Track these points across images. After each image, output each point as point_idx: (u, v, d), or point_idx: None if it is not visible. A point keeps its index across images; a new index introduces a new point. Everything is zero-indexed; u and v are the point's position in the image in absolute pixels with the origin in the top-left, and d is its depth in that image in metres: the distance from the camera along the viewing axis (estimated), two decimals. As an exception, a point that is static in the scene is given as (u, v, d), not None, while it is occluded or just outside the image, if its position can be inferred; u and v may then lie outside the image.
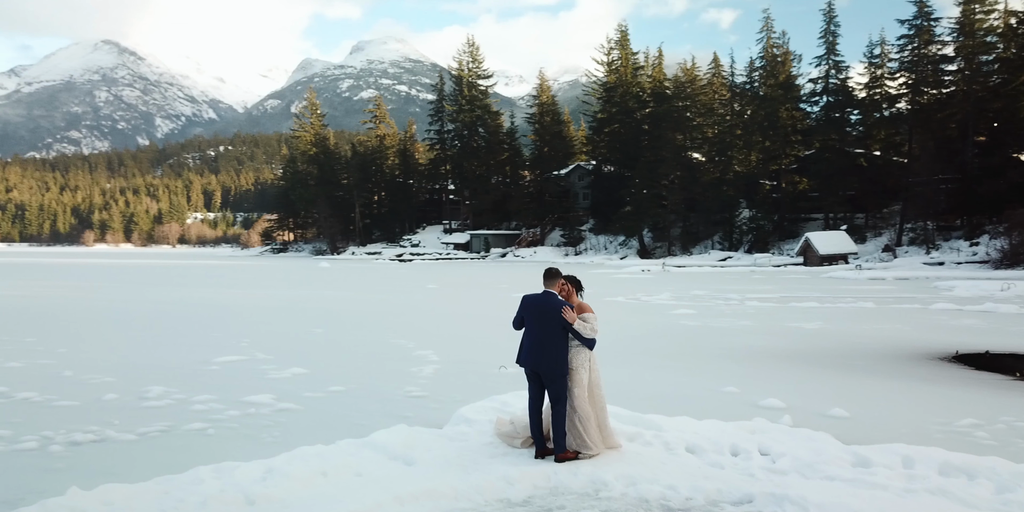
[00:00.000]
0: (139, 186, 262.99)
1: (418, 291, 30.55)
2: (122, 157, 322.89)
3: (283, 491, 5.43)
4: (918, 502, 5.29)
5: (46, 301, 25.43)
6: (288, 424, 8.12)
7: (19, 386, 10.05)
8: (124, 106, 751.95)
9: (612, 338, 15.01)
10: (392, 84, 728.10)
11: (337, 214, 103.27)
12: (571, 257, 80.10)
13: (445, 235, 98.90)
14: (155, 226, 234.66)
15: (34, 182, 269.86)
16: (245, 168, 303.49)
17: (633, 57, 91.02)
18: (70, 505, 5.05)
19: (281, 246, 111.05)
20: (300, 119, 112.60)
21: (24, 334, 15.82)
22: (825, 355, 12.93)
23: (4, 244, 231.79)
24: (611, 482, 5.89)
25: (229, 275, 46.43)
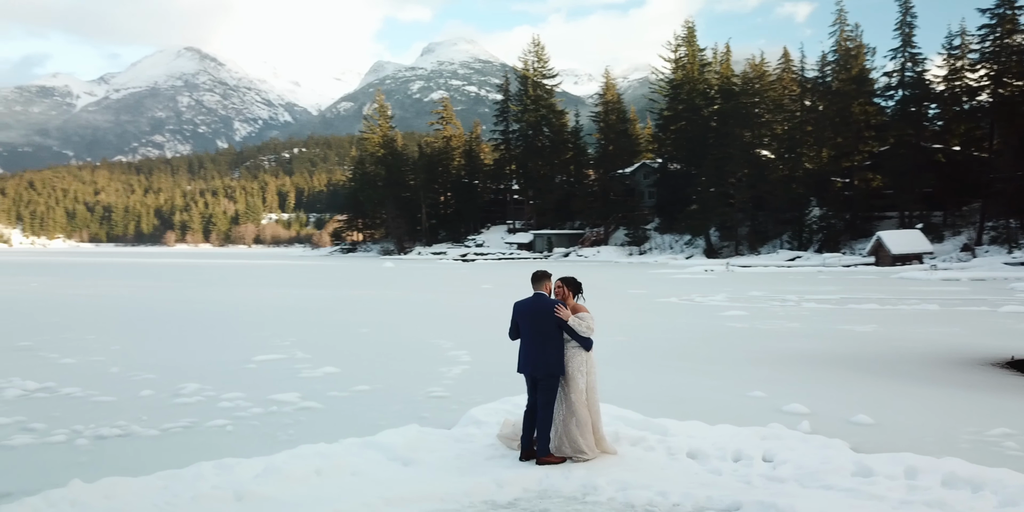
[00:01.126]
0: (217, 188, 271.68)
1: (473, 291, 30.75)
2: (202, 160, 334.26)
3: (274, 489, 5.56)
4: (913, 515, 5.08)
5: (116, 300, 26.53)
6: (307, 423, 8.29)
7: (66, 381, 10.53)
8: (205, 110, 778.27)
9: (650, 340, 14.87)
10: (462, 85, 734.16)
11: (404, 215, 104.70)
12: (635, 257, 79.40)
13: (509, 235, 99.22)
14: (232, 227, 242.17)
15: (120, 185, 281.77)
16: (318, 170, 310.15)
17: (700, 54, 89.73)
18: (71, 497, 5.27)
19: (350, 246, 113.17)
20: (368, 121, 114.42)
21: (87, 331, 16.54)
22: (868, 359, 12.51)
23: (92, 244, 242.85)
24: (602, 486, 5.84)
25: (294, 275, 47.60)
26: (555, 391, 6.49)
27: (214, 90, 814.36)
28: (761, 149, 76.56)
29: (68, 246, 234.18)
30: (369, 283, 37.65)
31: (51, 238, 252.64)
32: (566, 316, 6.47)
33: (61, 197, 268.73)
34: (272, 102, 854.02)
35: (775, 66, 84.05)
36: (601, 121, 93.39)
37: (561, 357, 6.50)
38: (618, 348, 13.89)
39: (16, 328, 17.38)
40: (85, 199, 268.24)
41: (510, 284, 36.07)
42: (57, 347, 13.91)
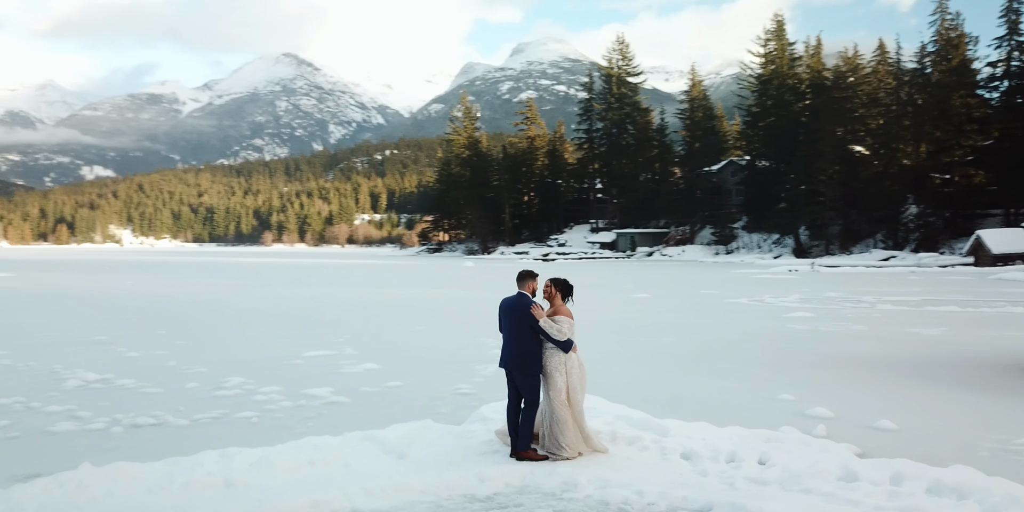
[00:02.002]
0: (312, 189, 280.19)
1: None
2: (298, 162, 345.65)
3: (263, 477, 5.83)
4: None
5: (200, 297, 27.83)
6: (328, 416, 8.59)
7: (124, 374, 11.19)
8: (301, 114, 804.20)
9: (698, 342, 14.66)
10: (551, 84, 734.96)
11: (488, 215, 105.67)
12: (721, 256, 77.84)
13: (592, 234, 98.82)
14: (326, 227, 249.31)
15: (222, 187, 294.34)
16: (409, 171, 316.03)
17: (790, 47, 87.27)
18: (78, 479, 5.66)
19: (436, 246, 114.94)
20: (454, 123, 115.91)
21: (161, 327, 17.48)
22: (918, 363, 11.99)
23: (196, 244, 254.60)
24: (583, 484, 5.87)
25: (375, 275, 48.76)
26: (535, 390, 6.55)
27: (310, 94, 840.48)
28: (854, 145, 73.77)
29: (173, 246, 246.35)
30: (444, 283, 38.23)
31: (158, 238, 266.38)
32: (539, 316, 6.50)
33: (168, 199, 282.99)
34: (365, 105, 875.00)
35: (870, 58, 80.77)
36: (687, 118, 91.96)
37: (534, 356, 6.53)
38: (662, 349, 13.76)
39: (98, 323, 18.50)
40: (189, 201, 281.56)
41: (583, 284, 35.94)
42: (128, 342, 14.75)
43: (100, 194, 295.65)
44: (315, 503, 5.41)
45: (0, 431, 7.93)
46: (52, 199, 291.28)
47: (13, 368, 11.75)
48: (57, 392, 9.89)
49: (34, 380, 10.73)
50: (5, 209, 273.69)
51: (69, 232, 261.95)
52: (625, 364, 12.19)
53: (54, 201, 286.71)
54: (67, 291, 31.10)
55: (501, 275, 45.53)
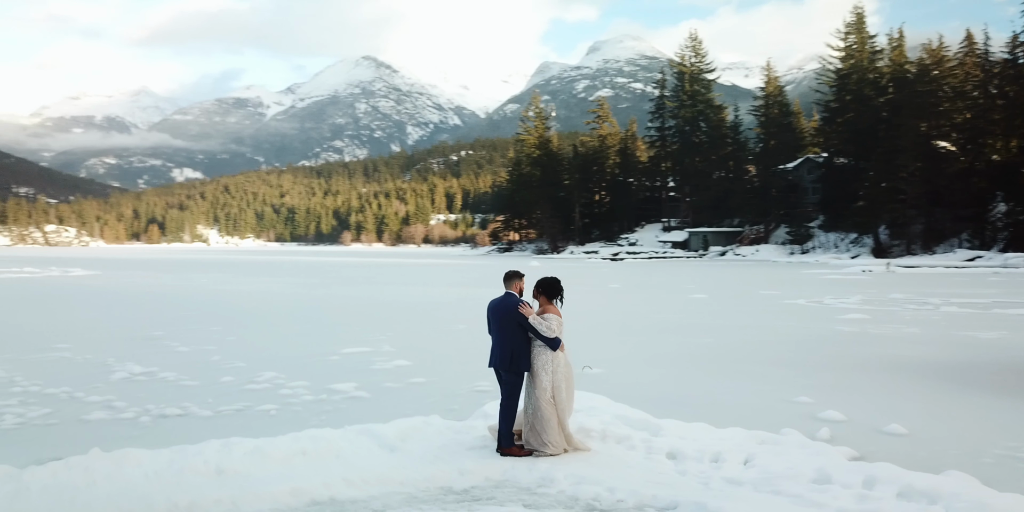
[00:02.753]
0: (390, 190, 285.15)
1: (595, 291, 30.77)
2: (376, 164, 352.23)
3: (255, 466, 6.14)
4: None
5: (263, 295, 28.84)
6: (345, 411, 8.90)
7: (167, 367, 11.79)
8: (380, 116, 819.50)
9: (734, 343, 14.49)
10: (627, 82, 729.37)
11: (558, 214, 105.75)
12: (795, 256, 75.92)
13: (663, 233, 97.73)
14: (402, 227, 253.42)
15: (303, 188, 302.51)
16: (484, 171, 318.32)
17: (871, 40, 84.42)
18: (86, 463, 6.08)
19: (506, 246, 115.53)
20: (525, 123, 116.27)
21: (216, 323, 18.25)
22: (959, 367, 11.59)
23: (278, 243, 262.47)
24: (559, 479, 5.99)
25: (439, 274, 49.43)
26: (517, 387, 6.69)
27: (389, 96, 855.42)
28: (938, 140, 70.84)
29: (256, 245, 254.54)
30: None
31: (243, 237, 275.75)
32: (528, 313, 6.63)
33: (251, 200, 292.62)
34: (442, 106, 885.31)
35: (956, 50, 77.35)
36: (762, 115, 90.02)
37: (523, 354, 6.67)
38: (694, 349, 13.66)
39: (160, 319, 19.43)
40: (272, 201, 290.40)
41: (642, 284, 35.77)
42: (182, 337, 15.48)
43: (189, 195, 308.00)
44: (296, 490, 5.69)
45: (40, 418, 8.52)
46: (144, 200, 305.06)
47: (71, 360, 12.51)
48: (102, 383, 10.52)
49: (85, 372, 11.42)
50: (101, 210, 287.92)
51: (160, 232, 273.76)
52: (650, 364, 12.17)
53: (146, 202, 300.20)
54: (143, 288, 32.64)
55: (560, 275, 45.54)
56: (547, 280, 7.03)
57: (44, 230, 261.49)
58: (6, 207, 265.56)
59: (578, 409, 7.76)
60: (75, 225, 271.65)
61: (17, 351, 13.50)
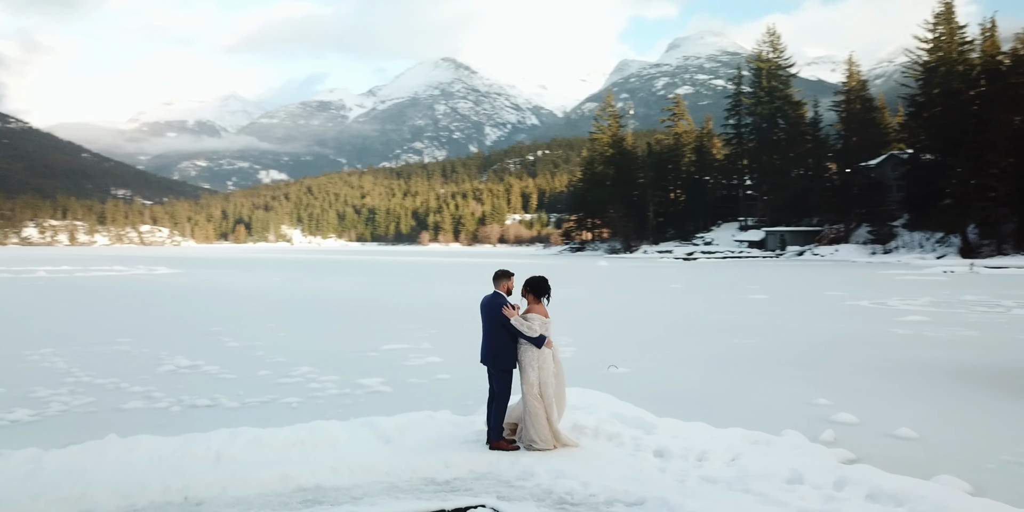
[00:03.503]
0: (467, 191, 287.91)
1: (654, 291, 30.56)
2: (454, 164, 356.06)
3: (251, 453, 6.49)
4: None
5: (327, 293, 29.68)
6: (364, 404, 9.22)
7: (212, 361, 12.39)
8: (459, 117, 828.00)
9: (779, 344, 14.26)
10: (708, 79, 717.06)
11: (631, 213, 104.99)
12: (877, 256, 73.37)
13: (740, 232, 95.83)
14: (479, 227, 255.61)
15: (383, 189, 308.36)
16: (560, 171, 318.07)
17: (960, 31, 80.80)
18: (101, 447, 6.54)
19: (579, 245, 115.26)
20: (598, 122, 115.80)
21: (272, 320, 18.98)
22: (1000, 372, 11.17)
23: (359, 243, 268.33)
24: (539, 473, 6.14)
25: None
26: (504, 383, 6.86)
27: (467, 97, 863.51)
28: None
29: (338, 245, 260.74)
30: (565, 281, 38.55)
31: (325, 237, 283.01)
32: (510, 315, 6.78)
33: (333, 201, 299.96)
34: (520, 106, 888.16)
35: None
36: (843, 111, 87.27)
37: (508, 351, 6.84)
38: (732, 350, 13.52)
39: (222, 315, 20.30)
40: (353, 202, 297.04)
41: (705, 284, 35.27)
42: (236, 332, 16.18)
43: (274, 196, 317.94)
44: (284, 477, 6.00)
45: (82, 406, 9.13)
46: (232, 202, 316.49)
47: (128, 354, 13.27)
48: (148, 375, 11.15)
49: (137, 364, 12.11)
50: (192, 211, 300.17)
51: (247, 232, 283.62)
52: (682, 365, 12.13)
53: (234, 203, 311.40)
54: (216, 286, 34.02)
55: (627, 274, 45.31)
56: (534, 279, 7.19)
57: (139, 230, 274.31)
58: (105, 209, 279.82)
59: (579, 406, 7.90)
60: (168, 225, 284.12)
61: (84, 344, 14.38)
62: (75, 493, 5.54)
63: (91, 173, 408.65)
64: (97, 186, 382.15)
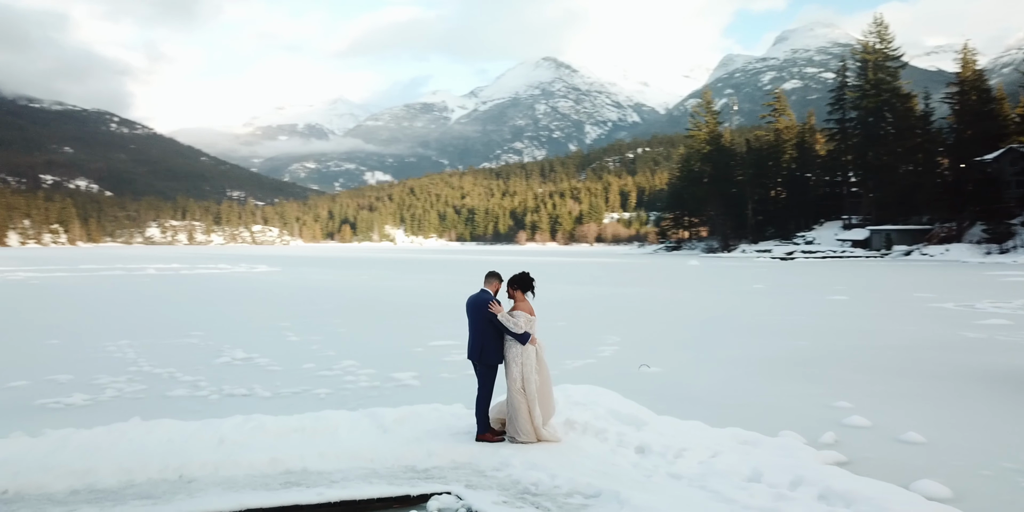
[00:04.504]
0: (565, 190, 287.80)
1: (735, 292, 29.97)
2: (552, 164, 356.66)
3: (252, 438, 6.98)
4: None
5: (407, 291, 30.51)
6: (388, 396, 9.65)
7: (266, 354, 13.13)
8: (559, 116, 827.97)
9: (827, 346, 13.94)
10: (817, 72, 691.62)
11: (729, 211, 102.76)
12: (993, 256, 69.18)
13: (843, 231, 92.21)
14: (576, 226, 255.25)
15: (482, 189, 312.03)
16: (660, 168, 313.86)
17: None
18: (124, 429, 7.17)
19: (675, 244, 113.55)
20: (695, 118, 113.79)
21: (339, 316, 19.78)
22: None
23: (458, 242, 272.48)
24: (514, 465, 6.37)
25: (590, 272, 49.71)
26: (487, 378, 7.11)
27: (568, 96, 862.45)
28: None
29: (438, 244, 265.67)
30: (648, 280, 38.26)
31: (426, 237, 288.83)
32: (497, 311, 7.00)
33: (434, 201, 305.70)
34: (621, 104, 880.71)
35: None
36: (956, 103, 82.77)
37: (493, 347, 7.07)
38: (779, 352, 13.29)
39: (295, 311, 21.27)
40: (453, 202, 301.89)
41: (789, 285, 34.32)
42: (301, 328, 16.99)
43: (378, 197, 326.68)
44: (274, 460, 6.44)
45: (133, 393, 9.92)
46: (338, 202, 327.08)
47: (194, 346, 14.18)
48: (203, 366, 11.94)
49: (197, 356, 12.96)
50: (301, 211, 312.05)
51: (351, 231, 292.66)
52: (719, 366, 12.03)
53: (340, 204, 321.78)
54: (305, 284, 35.47)
55: (716, 274, 44.49)
56: (517, 276, 7.40)
57: (252, 230, 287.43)
58: (220, 209, 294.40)
59: (580, 403, 8.07)
60: (278, 225, 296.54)
61: (158, 337, 15.46)
62: (84, 468, 6.14)
63: (208, 176, 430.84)
64: (214, 188, 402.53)
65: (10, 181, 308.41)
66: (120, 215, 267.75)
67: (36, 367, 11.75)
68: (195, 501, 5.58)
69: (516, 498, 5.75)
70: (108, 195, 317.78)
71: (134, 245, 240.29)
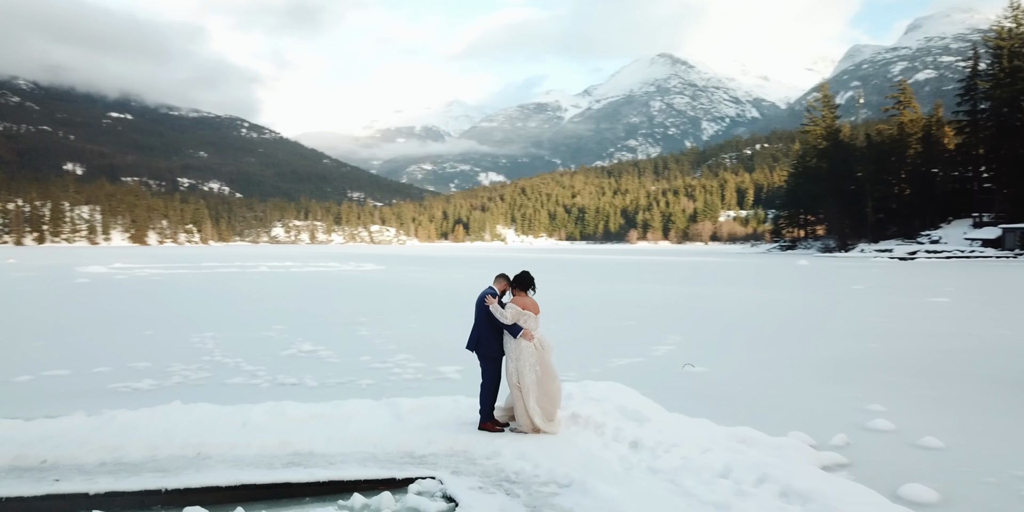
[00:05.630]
0: (679, 187, 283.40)
1: (831, 292, 28.92)
2: (666, 161, 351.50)
3: (273, 421, 7.52)
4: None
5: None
6: (426, 388, 10.09)
7: (332, 346, 13.85)
8: (674, 113, 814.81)
9: (893, 350, 13.46)
10: (953, 61, 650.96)
11: (847, 209, 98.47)
12: None
13: (973, 230, 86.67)
14: (690, 224, 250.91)
15: (593, 188, 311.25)
16: (779, 164, 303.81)
17: None
18: (164, 411, 7.87)
19: (789, 243, 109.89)
20: (811, 113, 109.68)
21: (417, 313, 20.47)
22: None
23: (568, 242, 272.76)
24: (504, 454, 6.66)
25: (691, 272, 48.92)
26: (489, 369, 7.43)
27: (684, 92, 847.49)
28: None
29: (548, 244, 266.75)
30: (745, 280, 37.37)
31: (536, 236, 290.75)
32: (489, 302, 7.26)
33: (545, 201, 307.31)
34: (740, 99, 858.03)
35: None
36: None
37: (489, 339, 7.36)
38: (841, 354, 12.92)
39: (378, 308, 22.10)
40: (564, 202, 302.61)
41: (892, 286, 32.78)
42: (377, 324, 17.71)
43: (490, 197, 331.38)
44: (284, 443, 6.94)
45: (197, 380, 10.75)
46: (452, 203, 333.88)
47: (269, 339, 15.08)
48: (269, 357, 12.74)
49: (268, 348, 13.79)
50: (416, 212, 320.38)
51: (464, 231, 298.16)
52: (767, 367, 11.83)
53: (454, 204, 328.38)
54: (403, 281, 36.63)
55: (816, 275, 42.94)
56: (517, 275, 7.63)
57: (370, 230, 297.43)
58: (340, 210, 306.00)
59: (593, 398, 8.23)
60: (394, 225, 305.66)
61: (242, 330, 16.51)
62: (116, 443, 6.82)
63: (330, 177, 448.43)
64: (335, 189, 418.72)
65: (151, 184, 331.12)
66: (248, 216, 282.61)
67: (122, 355, 12.85)
68: (201, 475, 6.13)
69: (493, 485, 6.01)
70: (238, 197, 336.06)
71: (260, 244, 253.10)
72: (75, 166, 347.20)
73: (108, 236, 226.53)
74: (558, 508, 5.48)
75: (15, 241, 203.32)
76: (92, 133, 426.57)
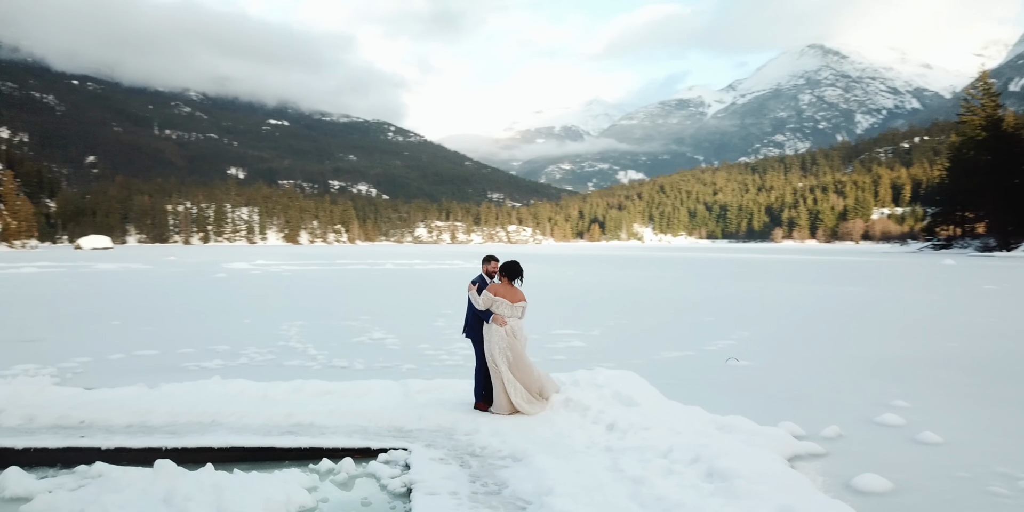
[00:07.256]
0: (827, 184, 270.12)
1: (953, 293, 27.12)
2: (815, 156, 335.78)
3: (290, 396, 8.23)
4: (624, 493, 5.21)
5: (608, 285, 31.12)
6: (462, 373, 10.47)
7: (401, 335, 14.59)
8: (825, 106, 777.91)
9: (965, 350, 12.73)
10: None
11: (1012, 206, 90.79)
12: None
13: None
14: (839, 223, 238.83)
15: (736, 185, 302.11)
16: (941, 158, 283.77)
17: None
18: (202, 385, 8.74)
19: (943, 242, 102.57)
20: (968, 102, 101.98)
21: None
22: None
23: (708, 241, 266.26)
24: (482, 431, 7.06)
25: (824, 271, 46.94)
26: (477, 352, 7.73)
27: (836, 84, 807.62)
28: None
29: (687, 242, 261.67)
30: (877, 280, 35.51)
31: (675, 235, 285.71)
32: (470, 289, 7.58)
33: (685, 198, 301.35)
34: (898, 89, 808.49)
35: None
36: None
37: (474, 326, 7.71)
38: (910, 352, 12.39)
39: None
40: (704, 199, 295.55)
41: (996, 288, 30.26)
42: (458, 316, 18.27)
43: (627, 196, 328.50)
44: (289, 414, 7.58)
45: (261, 362, 11.68)
46: (589, 202, 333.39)
47: (348, 327, 16.00)
48: (337, 343, 13.58)
49: (342, 335, 14.68)
50: (552, 212, 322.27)
51: (600, 230, 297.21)
52: (810, 362, 11.51)
53: (590, 203, 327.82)
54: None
55: (954, 275, 40.16)
56: (507, 264, 7.91)
57: (507, 230, 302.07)
58: (480, 210, 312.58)
59: (597, 384, 8.38)
60: (531, 225, 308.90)
61: (329, 319, 17.59)
62: (145, 409, 7.69)
63: (471, 179, 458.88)
64: (475, 191, 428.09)
65: (305, 187, 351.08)
66: (393, 216, 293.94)
67: (210, 339, 14.08)
68: (202, 438, 6.84)
69: (454, 458, 6.38)
70: (384, 198, 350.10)
71: (403, 244, 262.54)
72: (237, 170, 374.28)
73: (264, 236, 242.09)
74: (496, 478, 5.80)
75: (183, 240, 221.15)
76: (253, 139, 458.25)
